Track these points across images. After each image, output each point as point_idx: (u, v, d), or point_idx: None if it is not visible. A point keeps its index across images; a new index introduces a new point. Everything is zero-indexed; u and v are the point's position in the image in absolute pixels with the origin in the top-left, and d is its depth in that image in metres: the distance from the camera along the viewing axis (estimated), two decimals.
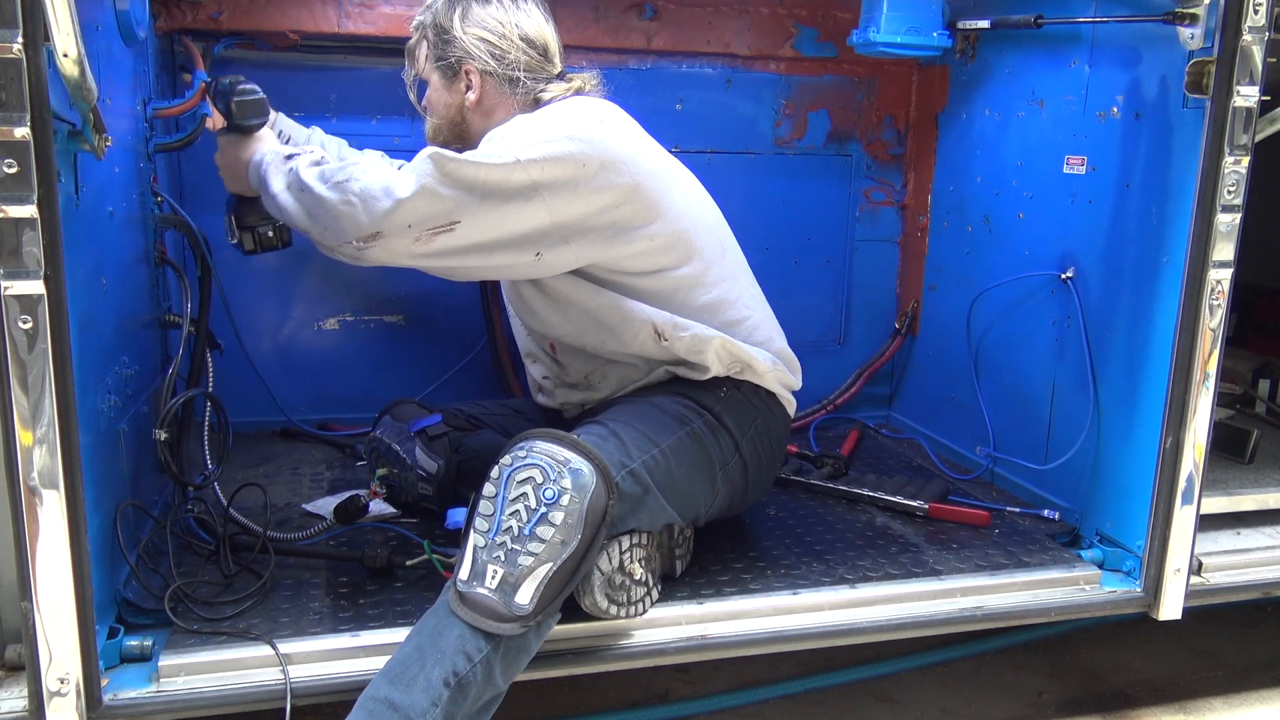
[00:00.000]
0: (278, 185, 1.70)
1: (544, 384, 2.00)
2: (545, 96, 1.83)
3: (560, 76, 1.86)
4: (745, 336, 1.85)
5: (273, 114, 2.01)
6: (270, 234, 1.90)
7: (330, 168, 1.66)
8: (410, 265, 1.66)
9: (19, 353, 1.26)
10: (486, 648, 1.40)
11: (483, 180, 1.59)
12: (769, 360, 1.86)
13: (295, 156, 1.73)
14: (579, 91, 1.85)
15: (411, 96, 1.96)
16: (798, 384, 1.94)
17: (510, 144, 1.63)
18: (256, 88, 1.90)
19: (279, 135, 2.05)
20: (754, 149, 2.68)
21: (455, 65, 1.83)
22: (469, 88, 1.84)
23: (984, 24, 2.28)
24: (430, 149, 1.60)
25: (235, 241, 1.91)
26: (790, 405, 1.94)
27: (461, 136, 1.88)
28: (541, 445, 1.51)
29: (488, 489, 1.49)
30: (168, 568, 1.68)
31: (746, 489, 1.87)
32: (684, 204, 1.80)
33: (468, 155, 1.61)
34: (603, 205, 1.67)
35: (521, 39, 1.81)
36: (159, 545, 1.75)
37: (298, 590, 1.70)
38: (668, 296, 1.78)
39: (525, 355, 2.05)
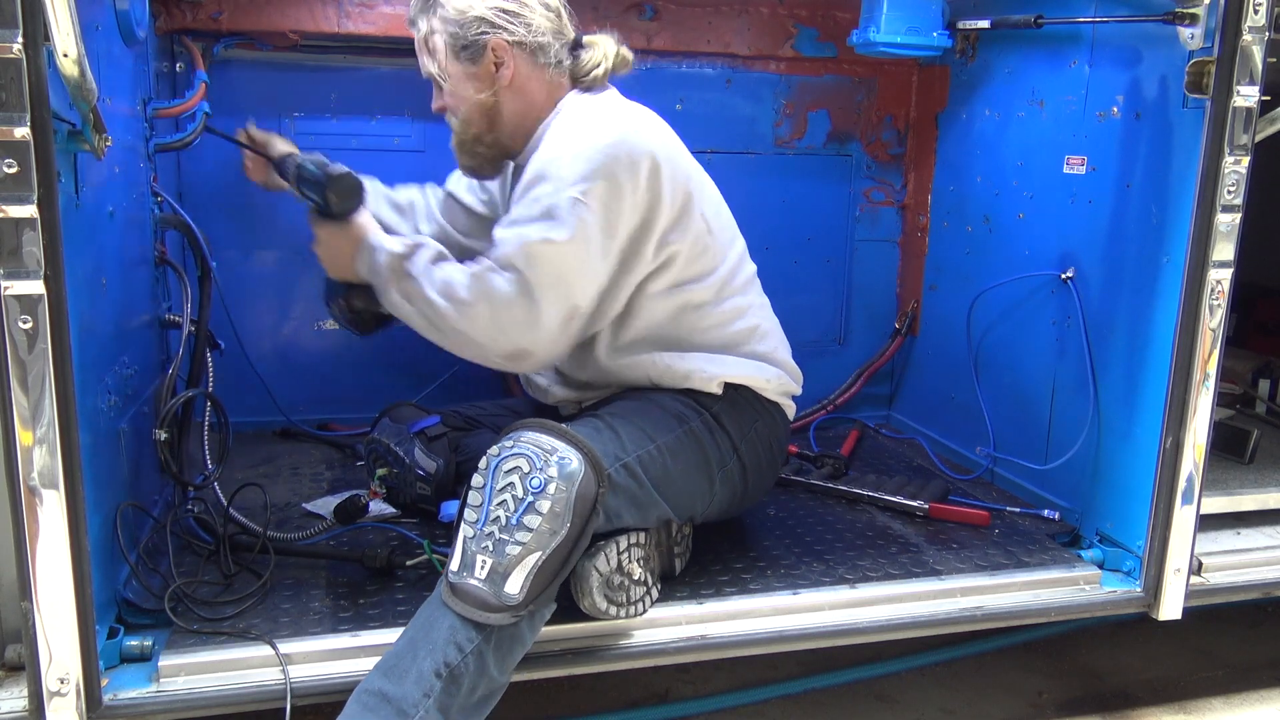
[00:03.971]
0: (397, 298, 1.69)
1: (535, 378, 1.99)
2: (581, 68, 1.78)
3: (579, 43, 1.80)
4: (754, 345, 1.85)
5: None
6: (383, 312, 1.78)
7: (453, 279, 1.63)
8: (554, 361, 1.74)
9: (19, 353, 1.25)
10: (477, 638, 1.40)
11: (571, 245, 1.60)
12: (775, 376, 1.87)
13: (411, 260, 1.68)
14: (619, 66, 1.81)
15: (438, 87, 1.81)
16: (799, 391, 1.94)
17: (566, 182, 1.61)
18: (347, 168, 1.77)
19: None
20: (754, 149, 2.68)
21: (479, 43, 1.72)
22: (499, 65, 1.73)
23: (984, 24, 2.28)
24: (519, 244, 1.60)
25: (345, 323, 1.81)
26: (790, 410, 1.94)
27: (494, 123, 1.79)
28: (529, 435, 1.51)
29: (476, 480, 1.49)
30: (168, 568, 1.68)
31: (745, 491, 1.87)
32: (709, 211, 1.80)
33: (539, 228, 1.60)
34: (654, 218, 1.68)
35: (540, 1, 1.75)
36: (159, 545, 1.75)
37: (298, 590, 1.70)
38: (679, 314, 1.77)
39: None
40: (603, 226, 1.63)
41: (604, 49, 1.80)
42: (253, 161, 2.00)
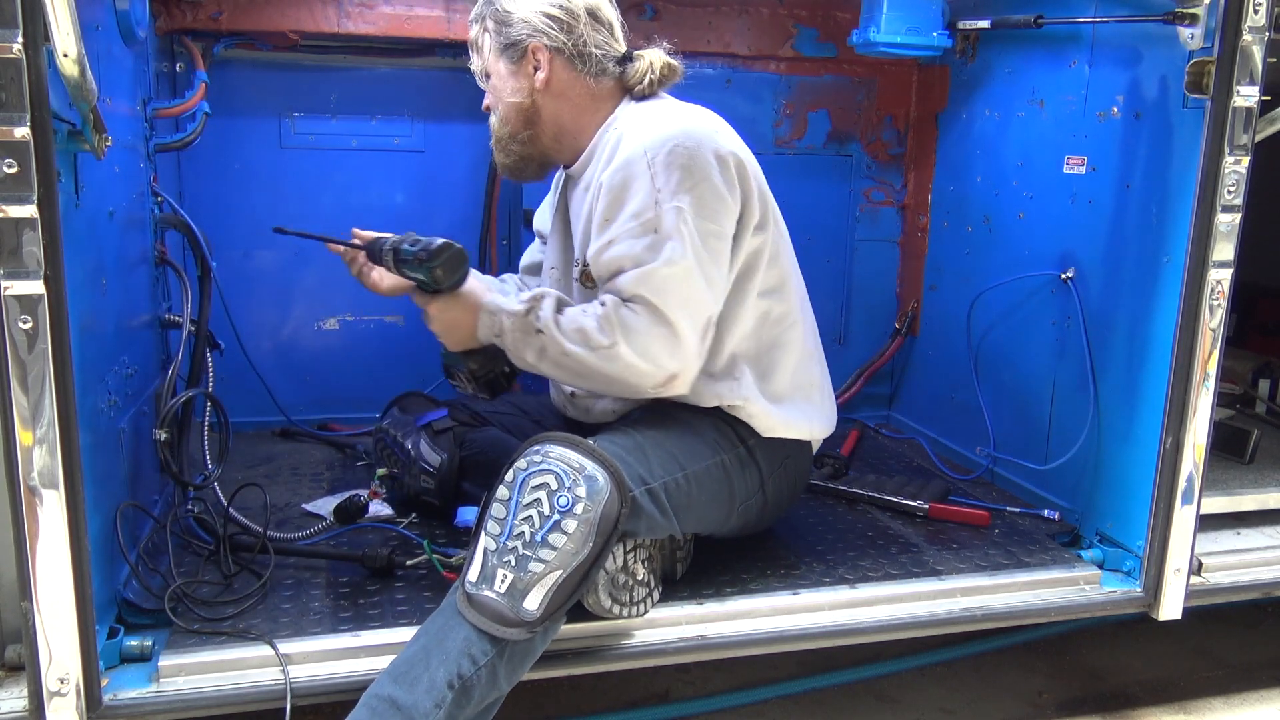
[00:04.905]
0: (531, 356, 1.66)
1: (578, 400, 1.94)
2: (630, 79, 1.77)
3: (629, 57, 1.80)
4: (807, 374, 1.83)
5: None
6: (508, 370, 1.76)
7: (587, 326, 1.61)
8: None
9: (19, 353, 1.25)
10: (492, 651, 1.40)
11: (687, 261, 1.60)
12: (823, 428, 1.86)
13: (537, 314, 1.65)
14: (665, 75, 1.79)
15: (482, 85, 1.86)
16: (832, 429, 1.91)
17: (662, 199, 1.60)
18: (447, 240, 1.70)
19: None
20: (754, 149, 2.66)
21: (521, 45, 1.74)
22: (537, 68, 1.75)
23: (984, 24, 2.28)
24: (643, 270, 1.59)
25: (473, 390, 1.79)
26: (818, 443, 1.93)
27: (531, 123, 1.80)
28: (558, 450, 1.49)
29: (501, 492, 1.48)
30: (168, 568, 1.68)
31: (759, 521, 1.86)
32: (777, 213, 1.81)
33: (651, 251, 1.59)
34: (744, 207, 1.69)
35: (587, 12, 1.76)
36: (159, 545, 1.75)
37: (298, 590, 1.70)
38: (764, 325, 1.75)
39: None
40: (710, 231, 1.63)
41: (650, 59, 1.79)
42: (362, 264, 1.86)
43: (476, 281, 1.77)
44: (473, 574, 1.44)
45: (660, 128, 1.66)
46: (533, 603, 1.41)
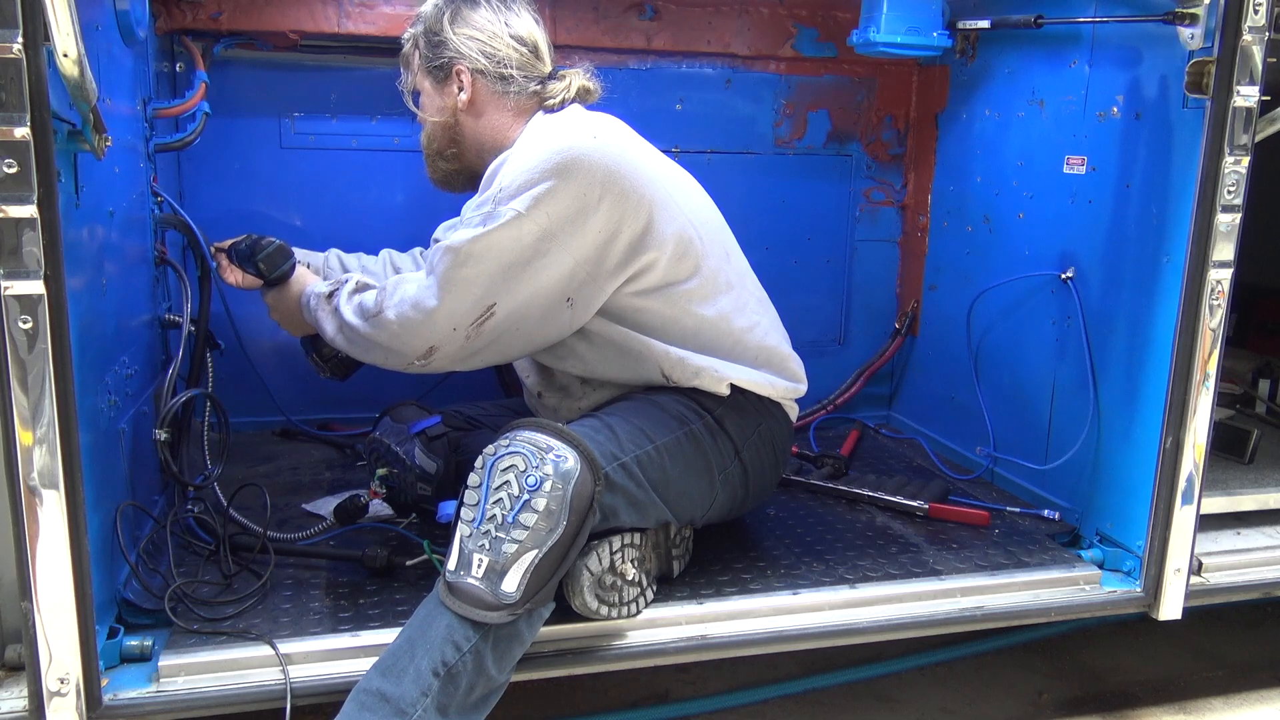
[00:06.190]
0: (330, 330, 1.80)
1: (546, 399, 1.97)
2: (546, 95, 1.83)
3: (552, 75, 1.86)
4: (755, 343, 1.83)
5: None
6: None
7: (366, 299, 1.73)
8: (474, 363, 1.72)
9: (19, 353, 1.26)
10: (475, 637, 1.41)
11: (497, 251, 1.62)
12: (785, 385, 1.86)
13: (336, 294, 1.80)
14: (580, 95, 1.85)
15: (409, 104, 1.96)
16: (803, 390, 1.92)
17: (507, 194, 1.63)
18: (273, 238, 1.95)
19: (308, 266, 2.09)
20: (754, 149, 2.68)
21: (447, 67, 1.83)
22: (461, 89, 1.83)
23: (984, 24, 2.28)
24: (442, 243, 1.65)
25: (327, 375, 1.96)
26: (794, 411, 1.94)
27: (455, 141, 1.89)
28: (525, 434, 1.51)
29: (473, 479, 1.50)
30: (168, 568, 1.68)
31: (747, 495, 1.86)
32: (688, 209, 1.79)
33: (469, 230, 1.63)
34: (615, 228, 1.66)
35: (512, 37, 1.82)
36: (159, 545, 1.75)
37: (298, 590, 1.71)
38: (680, 316, 1.75)
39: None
40: (542, 235, 1.62)
41: (570, 80, 1.85)
42: (224, 264, 2.01)
43: (307, 273, 1.99)
44: (452, 563, 1.45)
45: (543, 139, 1.71)
46: (511, 584, 1.42)
